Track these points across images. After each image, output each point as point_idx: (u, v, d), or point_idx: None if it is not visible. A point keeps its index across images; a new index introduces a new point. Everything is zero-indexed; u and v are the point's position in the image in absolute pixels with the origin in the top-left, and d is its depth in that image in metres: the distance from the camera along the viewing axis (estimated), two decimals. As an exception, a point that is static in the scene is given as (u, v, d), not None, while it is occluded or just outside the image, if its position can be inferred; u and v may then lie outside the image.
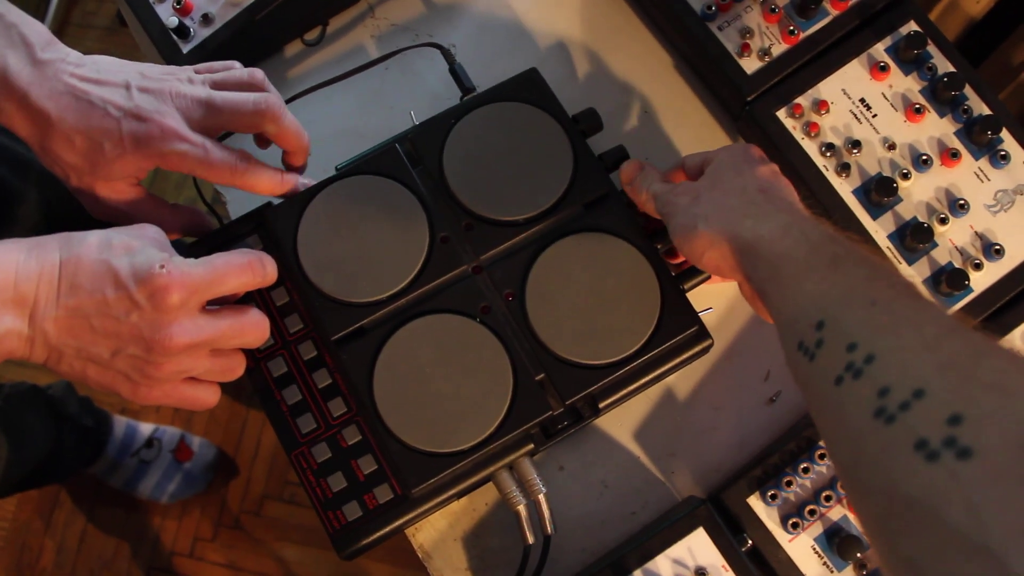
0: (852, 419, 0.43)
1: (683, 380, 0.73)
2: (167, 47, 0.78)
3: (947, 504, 0.36)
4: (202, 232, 0.70)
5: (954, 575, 0.35)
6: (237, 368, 0.63)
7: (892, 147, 0.72)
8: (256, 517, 1.58)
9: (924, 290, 0.69)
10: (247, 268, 0.61)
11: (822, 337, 0.47)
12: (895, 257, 0.70)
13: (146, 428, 1.56)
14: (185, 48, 0.77)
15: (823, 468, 0.66)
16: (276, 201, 0.69)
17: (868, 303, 0.46)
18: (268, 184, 0.66)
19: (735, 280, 0.60)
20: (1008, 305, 0.70)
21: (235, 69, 0.66)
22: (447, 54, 0.76)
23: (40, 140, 0.61)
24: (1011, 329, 0.69)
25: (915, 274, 0.70)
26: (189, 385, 0.60)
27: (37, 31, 0.61)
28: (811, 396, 0.48)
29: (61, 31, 1.89)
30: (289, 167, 0.69)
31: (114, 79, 0.61)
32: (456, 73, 0.75)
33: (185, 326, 0.56)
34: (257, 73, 0.66)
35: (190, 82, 0.63)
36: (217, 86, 0.64)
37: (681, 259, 0.70)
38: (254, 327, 0.61)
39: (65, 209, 1.01)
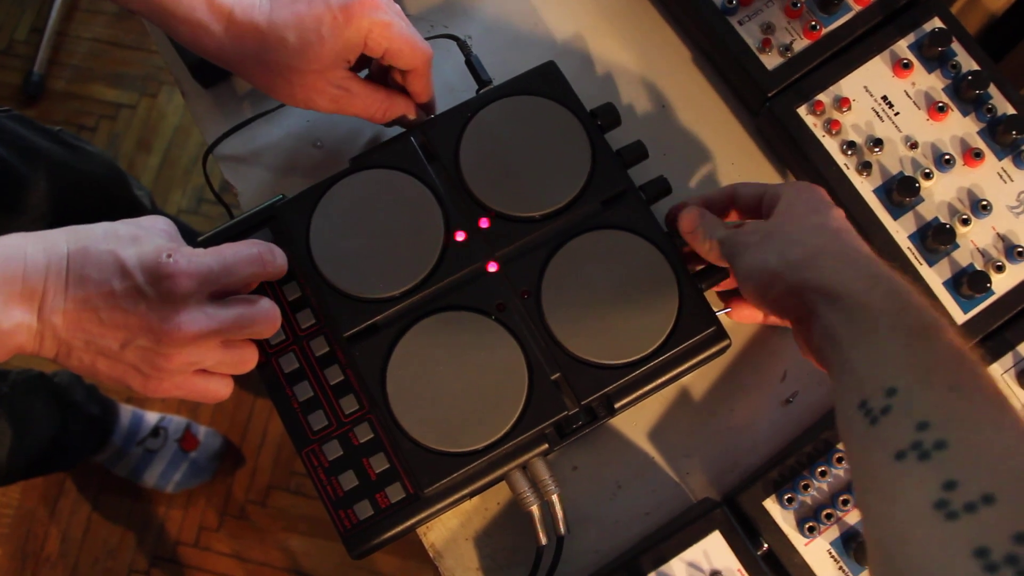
0: (907, 502, 0.41)
1: (699, 380, 0.72)
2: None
3: None
4: (410, 126, 0.71)
5: None
6: (249, 360, 0.62)
7: (914, 146, 0.71)
8: (262, 507, 1.58)
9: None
10: (256, 259, 0.60)
11: (891, 404, 0.44)
12: (916, 258, 0.69)
13: (152, 417, 1.56)
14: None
15: (840, 471, 0.65)
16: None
17: (949, 387, 0.44)
18: (429, 83, 0.68)
19: (791, 323, 0.57)
20: (1030, 308, 0.69)
21: None
22: (463, 46, 0.75)
23: (255, 55, 0.62)
24: (1033, 333, 0.68)
25: (936, 275, 0.69)
26: (201, 377, 0.59)
27: None
28: (862, 463, 0.46)
29: (69, 16, 1.88)
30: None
31: None
32: (472, 65, 0.74)
33: (194, 316, 0.55)
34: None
35: None
36: None
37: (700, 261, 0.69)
38: (265, 317, 0.60)
39: (74, 199, 1.00)
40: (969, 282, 0.67)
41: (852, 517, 0.64)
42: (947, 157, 0.70)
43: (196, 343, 0.56)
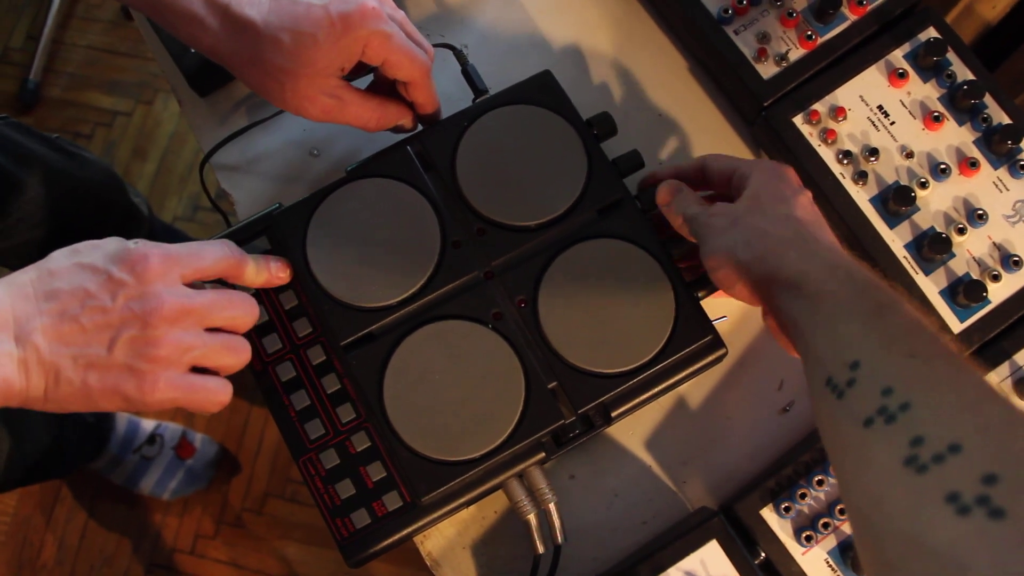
0: (879, 463, 0.42)
1: (696, 388, 0.72)
2: (175, 44, 0.77)
3: (974, 559, 0.36)
4: (409, 132, 0.70)
5: None
6: (239, 348, 0.60)
7: (910, 155, 0.71)
8: (258, 515, 1.57)
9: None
10: (222, 245, 0.61)
11: (855, 377, 0.46)
12: (912, 267, 0.69)
13: (148, 424, 1.55)
14: (195, 46, 0.76)
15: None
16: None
17: (908, 355, 0.46)
18: (431, 94, 0.68)
19: (759, 307, 0.59)
20: (1026, 317, 0.69)
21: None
22: (459, 55, 0.75)
23: (248, 52, 0.62)
24: (1029, 341, 0.68)
25: (932, 285, 0.69)
26: (197, 377, 0.58)
27: None
28: (833, 435, 0.47)
29: (65, 24, 1.88)
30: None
31: None
32: (469, 74, 0.74)
33: (173, 290, 0.56)
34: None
35: None
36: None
37: (693, 264, 0.69)
38: (241, 300, 0.60)
39: (71, 206, 1.00)
40: (965, 291, 0.67)
41: (849, 526, 0.64)
42: (943, 166, 0.70)
43: (180, 321, 0.56)
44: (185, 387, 0.57)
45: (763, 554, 0.64)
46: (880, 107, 0.73)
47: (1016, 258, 0.68)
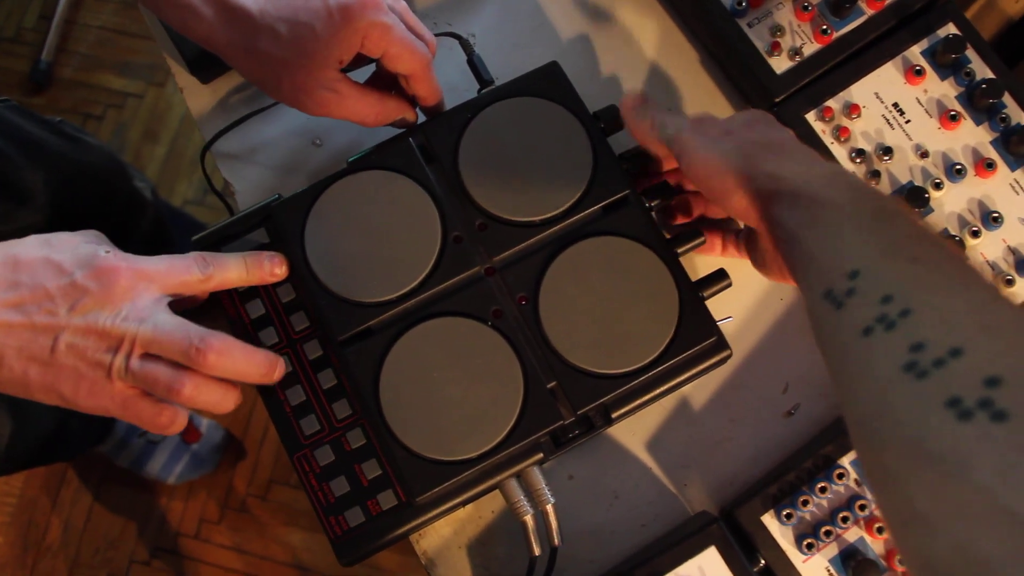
0: (878, 371, 0.41)
1: (698, 390, 0.70)
2: (180, 38, 0.76)
3: (976, 463, 0.35)
4: (408, 127, 0.69)
5: (973, 534, 0.34)
6: (201, 396, 0.57)
7: (925, 155, 0.69)
8: (263, 501, 1.57)
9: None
10: (192, 263, 0.59)
11: (854, 286, 0.45)
12: (924, 270, 0.67)
13: (155, 408, 1.56)
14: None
15: (840, 488, 0.64)
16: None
17: (910, 259, 0.45)
18: (433, 87, 0.66)
19: (757, 225, 0.56)
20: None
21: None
22: (466, 44, 0.74)
23: (244, 42, 0.60)
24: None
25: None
26: (142, 397, 0.57)
27: None
28: (832, 347, 0.46)
29: (78, 4, 1.88)
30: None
31: None
32: (474, 64, 0.73)
33: (135, 313, 0.55)
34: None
35: None
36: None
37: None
38: (238, 353, 0.58)
39: (73, 190, 0.99)
40: (978, 296, 0.65)
41: (851, 534, 0.63)
42: (958, 167, 0.69)
43: (134, 348, 0.54)
44: (122, 403, 0.56)
45: (763, 561, 0.63)
46: (895, 105, 0.71)
47: (1032, 263, 0.67)
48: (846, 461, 0.64)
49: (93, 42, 1.86)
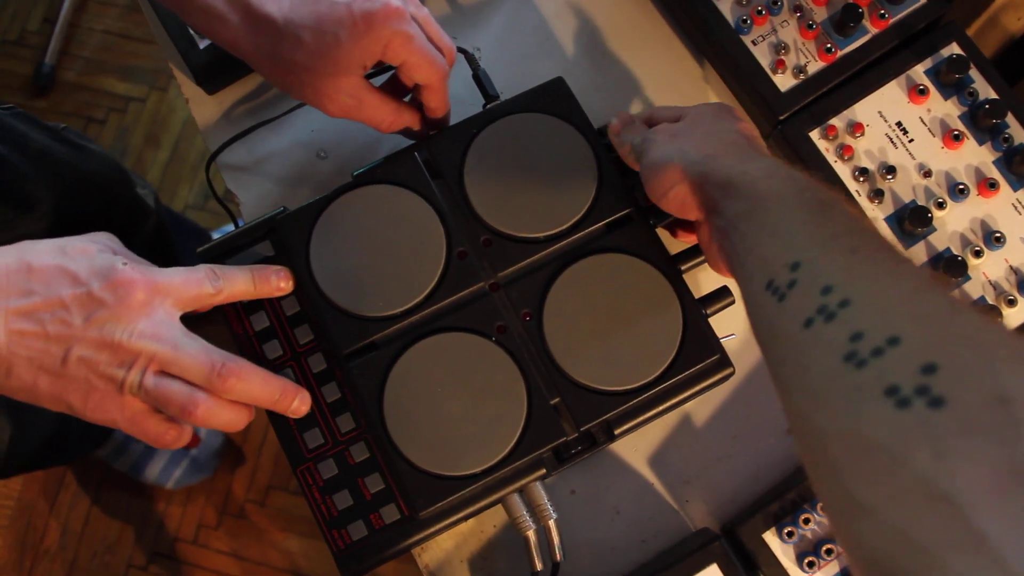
0: (818, 362, 0.41)
1: (701, 406, 0.71)
2: (183, 41, 0.76)
3: (914, 450, 0.35)
4: (416, 137, 0.70)
5: (912, 521, 0.34)
6: (212, 416, 0.57)
7: (928, 174, 0.70)
8: (261, 507, 1.57)
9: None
10: (204, 278, 0.59)
11: (796, 278, 0.45)
12: (926, 289, 0.68)
13: (154, 413, 1.56)
14: (202, 44, 0.75)
15: (843, 505, 0.64)
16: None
17: (849, 250, 0.45)
18: (444, 100, 0.67)
19: (696, 217, 0.59)
20: (1041, 343, 0.67)
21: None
22: (471, 59, 0.74)
23: (269, 49, 0.61)
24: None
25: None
26: (150, 414, 0.57)
27: None
28: (772, 339, 0.47)
29: (82, 7, 1.88)
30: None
31: None
32: (479, 79, 0.73)
33: (150, 328, 0.54)
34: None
35: None
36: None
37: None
38: (254, 378, 0.58)
39: (76, 197, 1.00)
40: (980, 315, 0.66)
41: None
42: (961, 187, 0.69)
43: (148, 364, 0.54)
44: (130, 418, 0.56)
45: (764, 579, 0.63)
46: (899, 124, 0.71)
47: (1033, 283, 0.67)
48: (847, 479, 0.65)
49: (96, 46, 1.86)
